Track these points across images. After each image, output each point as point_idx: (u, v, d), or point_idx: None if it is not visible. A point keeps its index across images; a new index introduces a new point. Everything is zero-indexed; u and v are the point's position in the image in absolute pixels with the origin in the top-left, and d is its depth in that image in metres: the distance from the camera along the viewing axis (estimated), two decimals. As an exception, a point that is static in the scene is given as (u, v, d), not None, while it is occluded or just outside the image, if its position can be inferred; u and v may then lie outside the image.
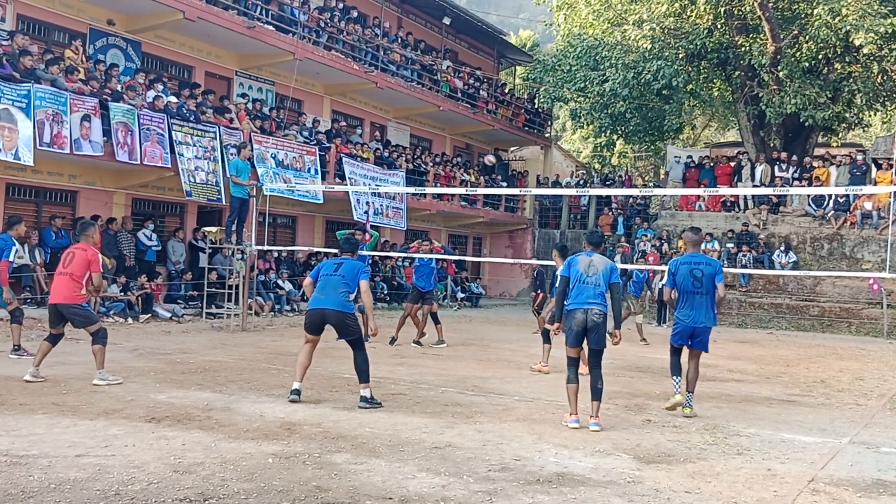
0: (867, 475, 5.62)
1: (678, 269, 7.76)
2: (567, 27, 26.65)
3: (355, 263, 7.79)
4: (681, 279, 7.70)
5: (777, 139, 24.78)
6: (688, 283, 7.65)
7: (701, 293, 7.62)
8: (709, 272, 7.64)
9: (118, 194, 15.95)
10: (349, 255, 7.99)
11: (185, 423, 6.18)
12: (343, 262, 7.74)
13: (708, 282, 7.61)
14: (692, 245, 8.03)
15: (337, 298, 7.46)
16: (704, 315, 7.65)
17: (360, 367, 7.43)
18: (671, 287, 7.81)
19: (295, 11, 19.18)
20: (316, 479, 4.84)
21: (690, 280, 7.64)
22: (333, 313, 7.44)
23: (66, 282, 7.86)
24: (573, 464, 5.53)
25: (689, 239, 8.11)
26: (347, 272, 7.61)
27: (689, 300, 7.65)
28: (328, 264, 7.79)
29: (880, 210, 21.10)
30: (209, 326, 14.16)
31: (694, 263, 7.73)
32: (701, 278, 7.61)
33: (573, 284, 7.06)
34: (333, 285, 7.52)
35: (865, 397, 9.48)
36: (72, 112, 13.21)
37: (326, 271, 7.66)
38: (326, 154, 19.13)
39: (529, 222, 28.15)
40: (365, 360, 7.46)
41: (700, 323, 7.64)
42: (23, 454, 5.08)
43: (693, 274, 7.64)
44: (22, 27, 14.86)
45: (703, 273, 7.64)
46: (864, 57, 21.67)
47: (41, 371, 7.89)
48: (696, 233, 8.29)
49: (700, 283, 7.61)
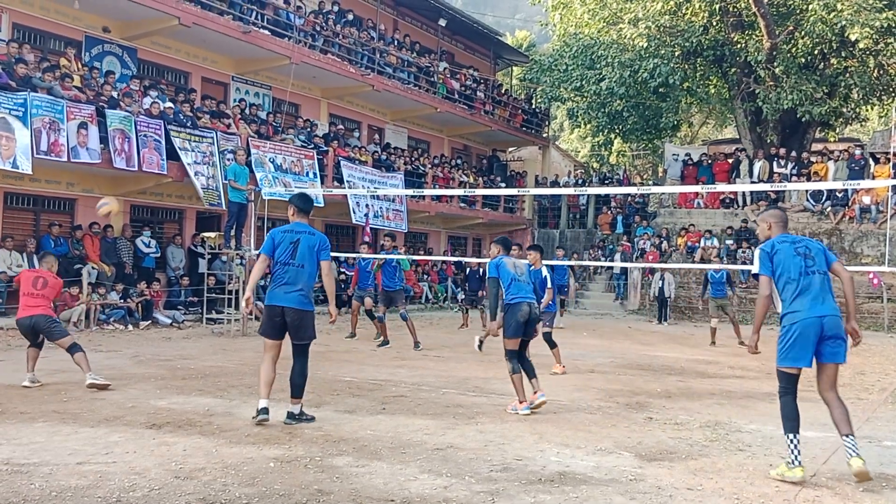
0: (870, 469, 5.61)
1: (776, 249, 5.44)
2: (563, 27, 26.70)
3: (315, 238, 6.52)
4: (784, 261, 5.36)
5: (774, 135, 24.79)
6: (796, 265, 5.32)
7: (819, 273, 5.30)
8: (817, 248, 5.45)
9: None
10: (304, 217, 6.65)
11: (186, 429, 6.18)
12: (300, 238, 6.45)
13: (821, 260, 5.38)
14: (780, 225, 5.68)
15: (297, 293, 6.39)
16: (831, 305, 5.25)
17: (297, 380, 6.48)
18: (769, 276, 5.40)
19: (290, 16, 19.20)
20: (317, 482, 4.83)
21: (800, 259, 5.33)
22: (293, 311, 6.40)
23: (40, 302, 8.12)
24: (575, 463, 5.52)
25: (776, 218, 5.72)
26: (306, 254, 6.41)
27: (804, 287, 5.25)
28: (284, 242, 6.44)
29: (879, 204, 21.11)
30: (209, 332, 14.16)
31: (793, 242, 5.47)
32: (812, 255, 5.37)
33: (510, 282, 7.49)
34: (293, 276, 6.40)
35: (867, 392, 9.47)
36: (68, 120, 13.22)
37: (283, 257, 6.41)
38: (324, 157, 19.14)
39: (529, 222, 28.16)
40: (304, 374, 6.50)
41: (829, 314, 5.19)
42: (24, 462, 5.07)
43: (797, 251, 5.38)
44: (17, 35, 14.87)
45: (810, 249, 5.41)
46: (859, 51, 21.70)
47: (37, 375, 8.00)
48: (782, 210, 6.42)
49: (813, 261, 5.34)
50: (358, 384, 8.74)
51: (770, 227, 5.68)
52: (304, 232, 6.51)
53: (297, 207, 6.62)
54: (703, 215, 23.82)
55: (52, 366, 9.33)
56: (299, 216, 6.62)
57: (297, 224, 6.58)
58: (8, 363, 9.42)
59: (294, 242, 6.42)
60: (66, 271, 13.99)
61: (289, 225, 6.62)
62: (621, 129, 27.40)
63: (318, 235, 6.57)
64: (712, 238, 22.31)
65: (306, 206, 6.66)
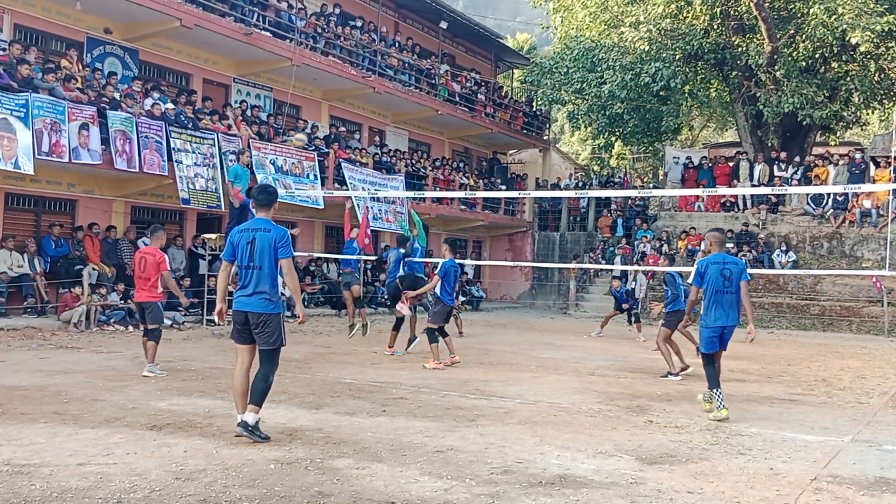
0: (870, 473, 5.62)
1: (707, 268, 7.73)
2: (564, 30, 26.72)
3: (271, 234, 6.00)
4: (711, 279, 7.67)
5: (775, 138, 24.81)
6: (718, 284, 7.64)
7: (730, 293, 7.65)
8: (737, 271, 7.68)
9: (117, 202, 15.96)
10: (264, 212, 6.17)
11: (186, 431, 6.18)
12: (255, 237, 6.00)
13: (737, 281, 7.66)
14: (718, 245, 7.96)
15: (258, 296, 6.00)
16: (734, 316, 7.74)
17: (257, 384, 5.94)
18: (699, 287, 7.82)
19: (292, 17, 19.22)
20: (318, 484, 4.83)
21: (721, 280, 7.63)
22: (255, 315, 6.01)
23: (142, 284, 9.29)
24: (575, 465, 5.52)
25: (715, 239, 8.00)
26: (263, 253, 5.96)
27: (718, 301, 7.65)
28: (241, 244, 6.04)
29: (879, 208, 21.11)
30: (210, 333, 14.15)
31: (723, 263, 7.73)
32: (730, 277, 7.64)
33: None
34: (252, 279, 6.01)
35: (867, 395, 9.47)
36: (70, 121, 13.23)
37: (243, 260, 6.02)
38: (325, 159, 19.15)
39: (529, 225, 28.15)
40: (266, 379, 5.98)
41: (730, 324, 7.70)
42: (24, 463, 5.07)
43: (722, 273, 7.65)
44: (19, 37, 14.88)
45: (731, 272, 7.66)
46: (860, 55, 21.72)
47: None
48: (722, 232, 8.31)
49: (730, 282, 7.64)
50: (358, 386, 8.74)
51: (711, 245, 7.97)
52: (259, 229, 6.03)
53: (255, 200, 6.22)
54: (704, 218, 23.83)
55: (52, 367, 9.33)
56: (260, 210, 6.18)
57: (256, 221, 6.14)
58: (8, 364, 9.42)
59: (250, 242, 5.99)
60: (66, 272, 14.01)
61: (246, 223, 6.30)
62: (622, 132, 27.41)
63: (276, 231, 6.01)
64: (713, 241, 22.28)
65: (265, 199, 6.18)
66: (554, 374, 10.43)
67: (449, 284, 10.75)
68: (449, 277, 10.71)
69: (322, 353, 11.76)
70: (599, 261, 23.75)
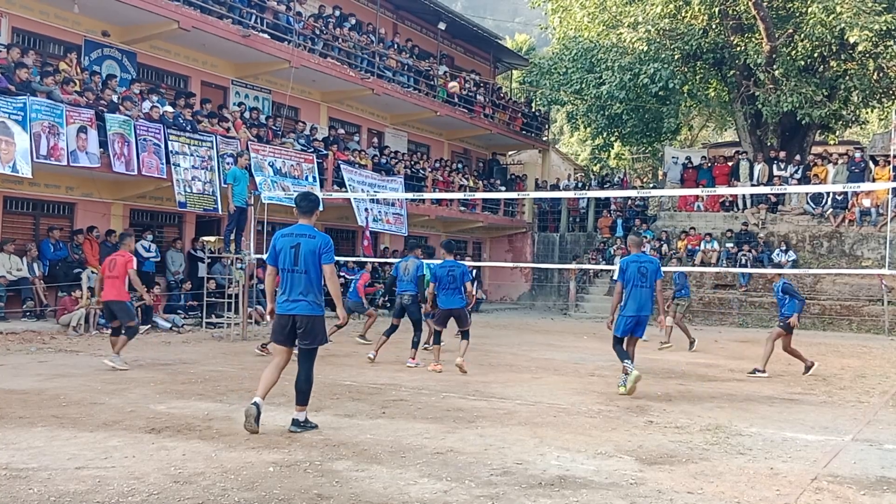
0: (870, 473, 5.60)
1: (627, 266, 8.93)
2: (562, 30, 26.71)
3: (315, 241, 6.27)
4: (630, 276, 8.88)
5: (774, 138, 24.80)
6: (636, 279, 8.84)
7: (646, 287, 8.84)
8: (653, 269, 8.94)
9: (116, 205, 15.95)
10: (306, 219, 6.45)
11: (185, 434, 6.16)
12: (300, 243, 6.26)
13: (651, 277, 8.89)
14: (635, 247, 9.36)
15: (305, 299, 6.26)
16: (648, 306, 8.95)
17: (302, 386, 6.30)
18: (621, 282, 8.96)
19: (290, 19, 19.22)
20: (317, 486, 4.82)
21: (639, 276, 8.84)
22: (302, 318, 6.27)
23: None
24: (575, 466, 5.50)
25: (632, 242, 9.51)
26: (307, 258, 6.21)
27: (634, 294, 8.83)
28: (285, 248, 6.30)
29: (879, 207, 21.11)
30: (209, 336, 14.14)
31: (640, 262, 8.98)
32: (647, 275, 8.86)
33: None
34: (298, 283, 6.25)
35: (868, 395, 9.46)
36: (68, 124, 13.22)
37: (287, 264, 6.28)
38: (324, 161, 19.14)
39: (529, 226, 28.14)
40: (309, 380, 6.35)
41: (644, 313, 8.89)
42: (22, 467, 5.06)
43: (640, 270, 8.87)
44: (17, 40, 14.88)
45: (647, 269, 8.90)
46: (859, 54, 21.73)
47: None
48: (638, 235, 9.97)
49: (645, 278, 8.84)
50: (358, 388, 8.72)
51: (630, 247, 9.42)
52: (304, 235, 6.28)
53: (297, 207, 6.44)
54: (703, 218, 23.82)
55: (51, 370, 9.32)
56: (302, 217, 6.41)
57: (299, 227, 6.37)
58: (6, 368, 9.40)
59: (294, 247, 6.23)
60: (65, 275, 14.00)
61: (290, 228, 6.46)
62: (621, 133, 27.40)
63: (320, 238, 6.28)
64: (712, 241, 22.30)
65: (307, 206, 6.43)
66: (554, 374, 10.42)
67: (442, 286, 10.39)
68: (442, 281, 10.36)
69: (321, 355, 11.63)
70: (600, 261, 23.73)
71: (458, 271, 10.29)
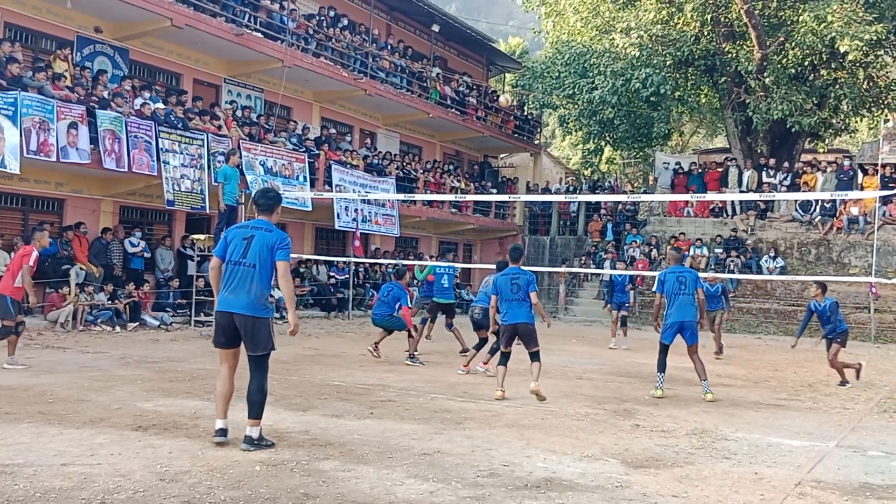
0: (854, 479, 5.65)
1: (666, 278, 9.45)
2: (556, 34, 26.77)
3: (272, 235, 5.78)
4: (669, 286, 9.40)
5: (764, 145, 24.93)
6: (675, 289, 9.37)
7: (687, 294, 9.37)
8: (691, 279, 9.45)
9: (105, 202, 15.88)
10: (266, 216, 5.97)
11: (172, 432, 6.15)
12: (254, 235, 5.79)
13: (691, 286, 9.41)
14: (674, 261, 10.06)
15: (248, 297, 5.70)
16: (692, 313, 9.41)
17: (254, 397, 5.69)
18: (661, 293, 9.50)
19: (283, 18, 19.19)
20: (303, 486, 4.82)
21: (678, 285, 9.36)
22: (243, 318, 5.70)
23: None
24: (561, 469, 5.53)
25: (672, 256, 10.36)
26: (260, 253, 5.72)
27: (675, 302, 9.33)
28: (237, 239, 5.81)
29: (867, 215, 21.25)
30: (198, 334, 14.10)
31: (678, 272, 9.54)
32: (686, 283, 9.39)
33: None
34: (243, 278, 5.72)
35: (853, 401, 9.53)
36: (58, 120, 13.16)
37: (235, 255, 5.76)
38: (316, 161, 19.12)
39: (520, 229, 28.19)
40: (262, 390, 5.72)
41: (688, 318, 9.32)
42: (8, 463, 5.04)
43: (678, 280, 9.40)
44: (9, 35, 14.81)
45: (686, 278, 9.43)
46: (849, 63, 21.86)
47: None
48: (678, 251, 11.10)
49: (685, 286, 9.37)
50: (346, 388, 8.73)
51: (670, 261, 10.15)
52: (260, 228, 5.81)
53: (256, 205, 6.01)
54: (693, 224, 23.92)
55: (38, 367, 9.28)
56: (260, 213, 5.97)
57: (257, 221, 5.94)
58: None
59: (247, 239, 5.74)
60: (53, 272, 13.92)
61: (247, 221, 6.09)
62: (612, 137, 27.48)
63: (277, 233, 5.79)
64: (702, 247, 22.40)
65: (266, 203, 5.94)
66: (542, 377, 10.42)
67: (504, 298, 9.10)
68: (503, 291, 9.05)
69: (310, 355, 11.74)
70: (590, 265, 23.78)
71: (522, 280, 8.70)
